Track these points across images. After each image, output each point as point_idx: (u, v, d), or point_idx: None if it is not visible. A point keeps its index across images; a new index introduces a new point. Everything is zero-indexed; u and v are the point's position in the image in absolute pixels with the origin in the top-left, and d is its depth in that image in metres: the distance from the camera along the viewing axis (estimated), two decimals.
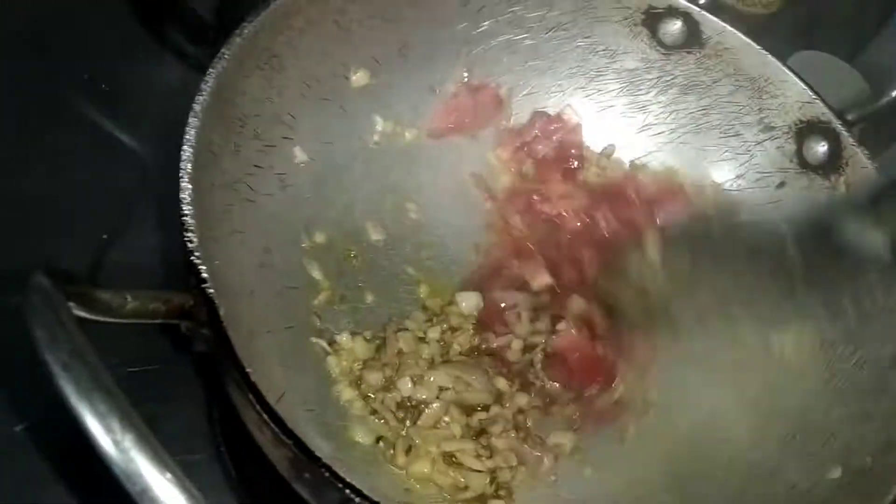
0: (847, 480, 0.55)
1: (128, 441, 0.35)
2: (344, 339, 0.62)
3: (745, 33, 0.70)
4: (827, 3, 1.02)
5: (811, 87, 0.68)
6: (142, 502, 0.35)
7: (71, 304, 0.39)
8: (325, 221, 0.67)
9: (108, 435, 0.35)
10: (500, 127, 0.75)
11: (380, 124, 0.71)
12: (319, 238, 0.66)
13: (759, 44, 0.70)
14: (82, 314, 0.40)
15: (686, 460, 0.63)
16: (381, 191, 0.70)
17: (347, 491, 0.42)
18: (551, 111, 0.75)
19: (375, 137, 0.71)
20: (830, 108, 0.67)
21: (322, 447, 0.54)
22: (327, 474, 0.42)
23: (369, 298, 0.66)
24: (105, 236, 0.70)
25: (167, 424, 0.63)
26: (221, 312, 0.45)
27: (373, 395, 0.62)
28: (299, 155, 0.66)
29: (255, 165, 0.62)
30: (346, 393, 0.61)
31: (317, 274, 0.65)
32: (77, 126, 0.76)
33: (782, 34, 0.95)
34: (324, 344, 0.62)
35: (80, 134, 0.75)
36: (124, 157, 0.74)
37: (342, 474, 0.42)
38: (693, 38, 0.71)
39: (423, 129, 0.73)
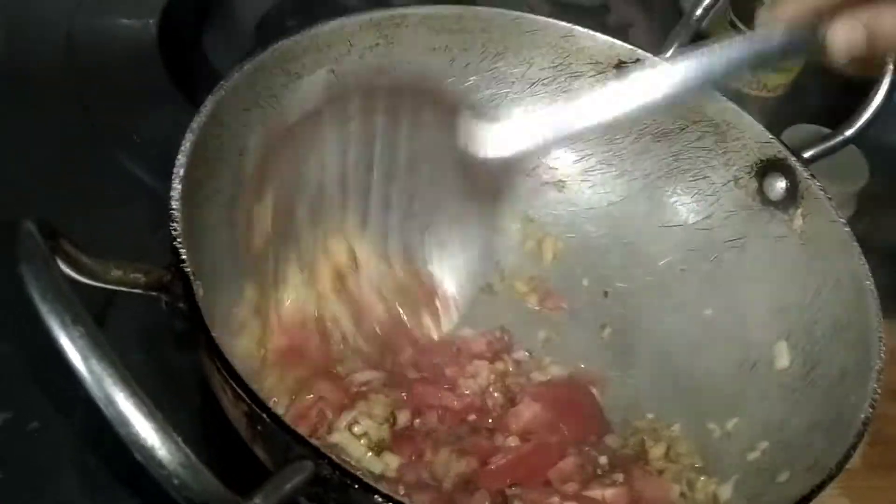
0: (792, 481, 0.58)
1: (105, 376, 0.37)
2: None
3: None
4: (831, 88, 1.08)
5: (767, 129, 0.73)
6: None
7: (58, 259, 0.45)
8: None
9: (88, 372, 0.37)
10: None
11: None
12: None
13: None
14: (67, 271, 0.46)
15: None
16: None
17: (289, 437, 0.46)
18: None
19: None
20: (786, 145, 0.72)
21: None
22: (273, 421, 0.46)
23: None
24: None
25: None
26: (198, 291, 0.52)
27: None
28: None
29: None
30: None
31: None
32: (110, 172, 0.84)
33: (786, 115, 1.01)
34: None
35: (112, 177, 0.84)
36: (149, 197, 0.82)
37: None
38: None
39: None
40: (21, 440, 0.65)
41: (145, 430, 0.35)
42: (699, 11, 0.79)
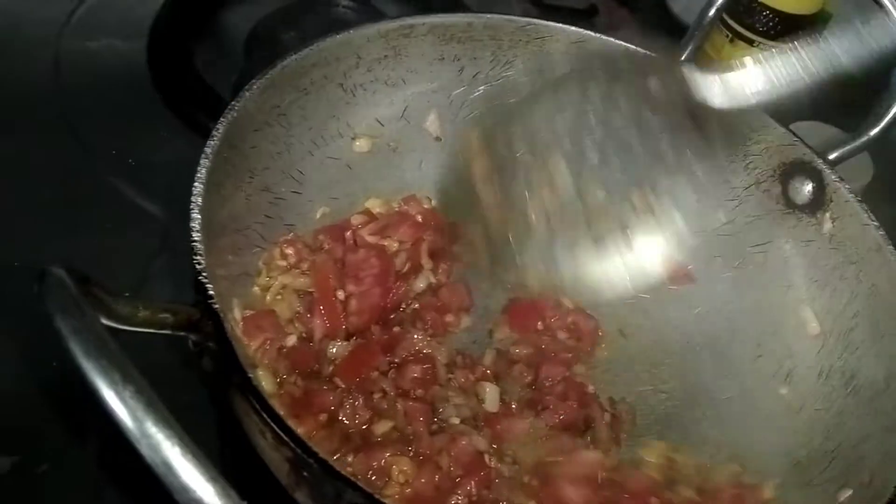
0: (855, 498, 0.56)
1: (162, 439, 0.34)
2: None
3: None
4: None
5: (791, 131, 0.71)
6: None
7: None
8: None
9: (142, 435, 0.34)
10: None
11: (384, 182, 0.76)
12: None
13: None
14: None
15: None
16: None
17: (342, 483, 0.43)
18: None
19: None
20: (811, 147, 0.70)
21: None
22: (321, 467, 0.43)
23: None
24: (127, 294, 0.74)
25: None
26: (227, 325, 0.48)
27: None
28: (308, 208, 0.70)
29: (266, 215, 0.66)
30: None
31: None
32: (106, 197, 0.81)
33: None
34: None
35: (108, 203, 0.80)
36: (147, 222, 0.79)
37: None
38: None
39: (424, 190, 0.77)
40: (30, 484, 0.62)
41: (209, 497, 0.32)
42: (712, 11, 0.77)
